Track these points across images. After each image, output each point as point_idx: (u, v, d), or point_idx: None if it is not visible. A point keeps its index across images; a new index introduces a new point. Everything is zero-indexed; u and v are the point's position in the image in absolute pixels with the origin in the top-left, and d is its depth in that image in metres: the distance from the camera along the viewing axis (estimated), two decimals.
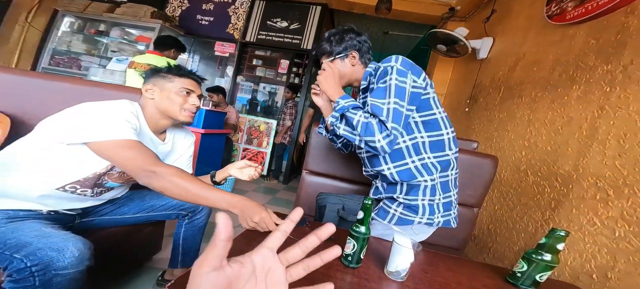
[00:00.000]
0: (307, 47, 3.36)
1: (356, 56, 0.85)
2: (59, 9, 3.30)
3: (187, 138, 1.04)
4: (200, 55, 3.73)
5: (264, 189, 2.97)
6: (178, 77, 0.87)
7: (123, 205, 0.97)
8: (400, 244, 0.57)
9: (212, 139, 2.35)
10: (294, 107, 3.27)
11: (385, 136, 0.71)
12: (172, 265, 1.08)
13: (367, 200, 0.60)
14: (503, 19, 2.01)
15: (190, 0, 3.56)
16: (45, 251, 0.60)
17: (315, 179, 1.31)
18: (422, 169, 0.82)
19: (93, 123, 0.71)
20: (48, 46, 3.29)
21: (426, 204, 0.84)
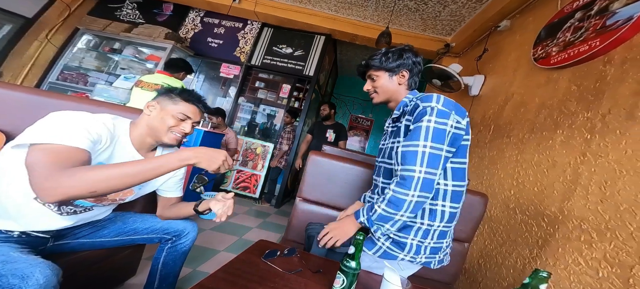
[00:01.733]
0: (309, 73, 3.50)
1: (406, 76, 0.83)
2: (80, 27, 3.49)
3: None
4: (206, 75, 3.86)
5: (256, 212, 2.91)
6: (184, 101, 0.87)
7: (103, 227, 0.91)
8: (389, 282, 0.57)
9: None
10: (292, 132, 3.33)
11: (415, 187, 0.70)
12: None
13: (359, 236, 0.60)
14: (494, 58, 2.12)
15: (203, 24, 3.76)
16: (7, 278, 0.56)
17: (309, 206, 1.30)
18: (428, 213, 0.80)
19: (47, 126, 0.63)
20: (60, 61, 3.41)
21: (415, 244, 0.82)
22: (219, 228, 2.18)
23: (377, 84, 0.85)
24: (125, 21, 3.69)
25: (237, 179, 3.40)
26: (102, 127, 0.72)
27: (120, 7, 3.83)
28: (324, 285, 0.63)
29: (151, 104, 0.85)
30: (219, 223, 2.24)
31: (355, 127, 5.40)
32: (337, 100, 5.51)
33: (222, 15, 3.71)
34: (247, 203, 3.16)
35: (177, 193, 1.01)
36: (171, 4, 3.80)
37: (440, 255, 0.85)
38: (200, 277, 1.43)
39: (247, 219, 2.59)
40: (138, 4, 3.83)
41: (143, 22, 3.68)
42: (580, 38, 1.27)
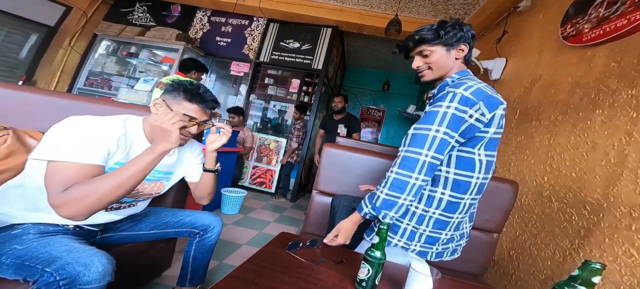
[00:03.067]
0: (317, 67, 3.45)
1: (465, 50, 0.76)
2: (98, 33, 3.64)
3: (193, 146, 1.03)
4: (216, 74, 3.89)
5: (272, 206, 2.94)
6: (187, 102, 0.82)
7: (140, 222, 0.97)
8: (417, 271, 0.54)
9: (225, 157, 2.39)
10: (303, 128, 3.30)
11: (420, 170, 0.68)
12: (181, 283, 1.06)
13: (382, 225, 0.58)
14: (515, 40, 2.01)
15: (211, 24, 3.77)
16: (73, 265, 0.61)
17: (325, 199, 1.30)
18: (425, 198, 0.78)
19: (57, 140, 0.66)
20: (85, 68, 3.61)
21: (409, 229, 0.79)
22: (240, 222, 2.24)
23: (432, 60, 0.76)
24: (138, 25, 3.77)
25: (253, 175, 3.44)
26: (113, 134, 0.74)
27: (131, 10, 3.90)
28: (347, 275, 0.63)
29: (157, 102, 0.83)
30: (241, 219, 2.30)
31: (366, 118, 5.31)
32: (347, 92, 5.44)
33: (229, 14, 3.70)
34: (263, 198, 3.19)
35: None
36: (178, 5, 3.82)
37: (438, 246, 0.80)
38: (226, 269, 1.48)
39: (265, 214, 2.62)
40: (148, 7, 3.88)
41: (154, 24, 3.74)
42: (616, 13, 1.19)
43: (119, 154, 0.76)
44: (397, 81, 4.99)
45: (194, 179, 1.02)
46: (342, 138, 1.95)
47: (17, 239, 0.68)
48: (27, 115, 0.99)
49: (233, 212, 2.41)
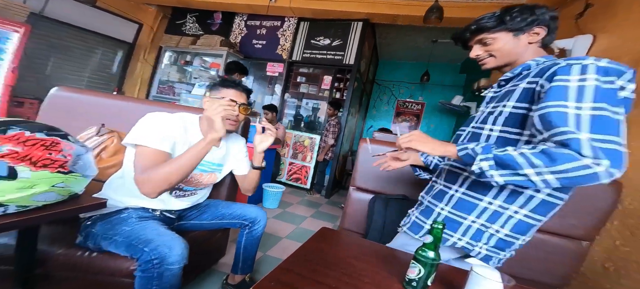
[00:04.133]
0: (349, 62, 3.40)
1: (541, 33, 0.66)
2: (163, 46, 4.20)
3: (238, 140, 1.15)
4: (254, 76, 4.11)
5: (308, 202, 3.02)
6: (224, 88, 0.96)
7: (203, 212, 1.10)
8: (482, 276, 0.47)
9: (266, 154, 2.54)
10: (338, 125, 3.30)
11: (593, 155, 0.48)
12: (234, 271, 1.17)
13: (437, 224, 0.53)
14: (606, 12, 1.69)
15: (247, 27, 3.99)
16: (162, 247, 0.74)
17: (363, 195, 1.29)
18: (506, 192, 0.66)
19: (139, 129, 0.83)
20: (156, 78, 4.23)
21: (475, 227, 0.69)
22: (279, 216, 2.37)
23: (495, 47, 0.70)
24: (190, 35, 4.18)
25: (289, 171, 3.58)
26: (176, 126, 0.89)
27: (184, 22, 4.33)
28: (393, 273, 0.60)
29: (205, 99, 0.96)
30: (280, 213, 2.43)
31: (403, 112, 5.07)
32: (381, 86, 5.24)
33: (262, 16, 3.85)
34: (299, 194, 3.31)
35: (246, 170, 1.14)
36: (220, 13, 4.10)
37: (506, 253, 0.70)
38: (270, 260, 1.59)
39: (301, 209, 2.72)
40: (196, 17, 4.26)
41: (202, 33, 4.11)
42: None
43: (180, 145, 0.90)
44: (438, 71, 4.63)
45: (240, 172, 1.13)
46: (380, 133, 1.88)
47: (125, 222, 0.83)
48: (121, 118, 1.19)
49: (273, 207, 2.55)
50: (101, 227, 0.82)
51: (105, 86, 3.96)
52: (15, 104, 2.93)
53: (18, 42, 2.67)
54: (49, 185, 0.57)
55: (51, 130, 0.62)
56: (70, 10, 3.33)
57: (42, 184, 0.56)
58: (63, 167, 0.60)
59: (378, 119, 5.23)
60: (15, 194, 0.53)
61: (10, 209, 0.55)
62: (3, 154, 0.53)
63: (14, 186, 0.53)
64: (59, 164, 0.60)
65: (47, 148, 0.59)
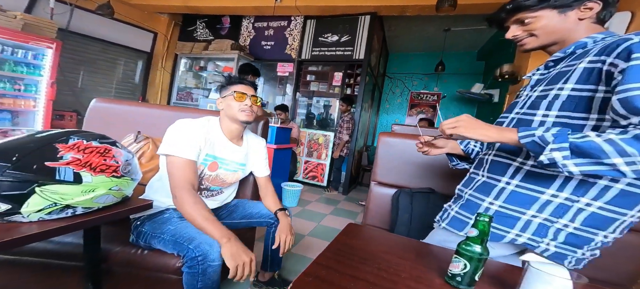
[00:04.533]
0: (359, 57, 3.37)
1: (594, 8, 0.59)
2: (178, 53, 4.33)
3: (258, 140, 1.19)
4: (265, 77, 4.17)
5: (326, 199, 3.03)
6: (231, 85, 1.02)
7: (233, 211, 1.15)
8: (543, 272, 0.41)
9: (283, 153, 2.59)
10: (351, 120, 3.28)
11: None
12: (263, 268, 1.21)
13: (483, 217, 0.49)
14: None
15: (255, 29, 4.03)
16: (203, 245, 0.79)
17: (385, 190, 1.27)
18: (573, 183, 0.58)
19: (169, 139, 0.91)
20: (175, 85, 4.41)
21: (537, 222, 0.61)
22: (299, 215, 2.40)
23: (537, 26, 0.64)
24: (201, 40, 4.29)
25: (305, 169, 3.61)
26: (201, 133, 0.96)
27: (194, 28, 4.45)
28: (432, 268, 0.58)
29: (219, 100, 1.04)
30: (300, 211, 2.46)
31: (418, 104, 4.96)
32: (392, 79, 5.17)
33: (269, 17, 3.87)
34: (317, 191, 3.32)
35: (265, 172, 1.19)
36: (227, 17, 4.17)
37: (584, 251, 0.60)
38: (296, 258, 1.63)
39: (320, 207, 2.73)
40: (206, 23, 4.35)
41: (213, 38, 4.20)
42: None
43: (205, 148, 0.97)
44: (453, 60, 4.50)
45: (258, 173, 1.19)
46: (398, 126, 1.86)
47: (169, 221, 0.90)
48: (151, 124, 1.30)
49: (293, 205, 2.58)
50: (149, 226, 0.90)
51: (130, 95, 4.17)
52: (57, 117, 3.15)
53: (52, 58, 2.83)
54: (106, 188, 0.63)
55: (103, 138, 0.68)
56: (91, 23, 3.50)
57: (101, 187, 0.62)
58: (116, 172, 0.66)
59: (391, 113, 5.16)
60: (81, 197, 0.59)
61: (78, 210, 0.62)
62: (68, 162, 0.59)
63: (79, 190, 0.59)
64: (113, 169, 0.66)
65: (102, 155, 0.65)
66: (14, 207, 0.53)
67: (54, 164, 0.56)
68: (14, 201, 0.53)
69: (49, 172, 0.55)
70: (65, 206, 0.58)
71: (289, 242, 1.03)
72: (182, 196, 0.86)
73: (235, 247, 0.81)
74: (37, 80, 2.87)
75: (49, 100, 2.91)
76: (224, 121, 1.05)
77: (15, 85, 2.76)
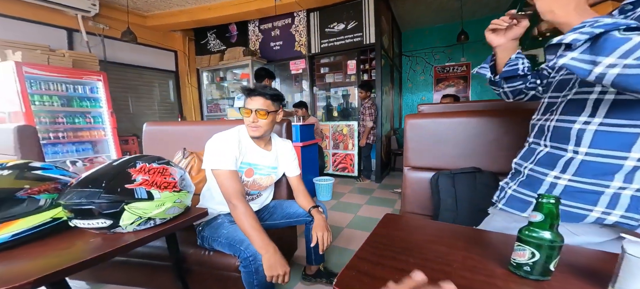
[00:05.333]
0: (370, 41, 3.25)
1: None
2: (199, 68, 4.52)
3: (284, 143, 1.23)
4: (280, 77, 4.18)
5: (359, 189, 3.00)
6: (247, 97, 1.03)
7: (273, 213, 1.21)
8: None
9: (309, 149, 2.62)
10: (373, 106, 3.19)
11: None
12: (309, 262, 1.27)
13: (547, 198, 0.43)
14: None
15: (262, 32, 4.05)
16: (253, 246, 0.88)
17: (421, 174, 1.21)
18: None
19: (210, 155, 0.97)
20: (203, 99, 4.64)
21: (626, 195, 0.51)
22: (335, 207, 2.41)
23: None
24: (215, 51, 4.43)
25: (334, 162, 3.61)
26: (235, 143, 1.01)
27: (207, 41, 4.58)
28: (490, 258, 0.51)
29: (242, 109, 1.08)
30: (335, 204, 2.48)
31: (445, 78, 4.69)
32: (410, 58, 4.93)
33: (272, 18, 3.86)
34: (349, 183, 3.30)
35: (296, 172, 1.22)
36: (234, 24, 4.22)
37: None
38: (338, 250, 1.65)
39: (355, 197, 2.71)
40: (216, 33, 4.46)
41: (225, 47, 4.31)
42: None
43: (240, 157, 1.03)
44: (478, 27, 4.15)
45: (290, 173, 1.22)
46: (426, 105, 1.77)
47: (222, 226, 1.00)
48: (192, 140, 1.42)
49: (327, 199, 2.60)
50: (208, 231, 1.01)
51: (170, 114, 4.48)
52: (123, 142, 3.50)
53: (104, 89, 3.11)
54: (172, 201, 0.74)
55: (159, 159, 0.79)
56: (121, 51, 3.75)
57: (168, 201, 0.73)
58: (175, 187, 0.76)
59: (416, 92, 4.95)
60: (156, 210, 0.70)
61: (157, 221, 0.73)
62: (140, 183, 0.69)
63: (154, 205, 0.70)
64: (173, 185, 0.76)
65: (162, 174, 0.75)
66: (114, 222, 0.66)
67: (131, 186, 0.68)
68: (113, 217, 0.66)
69: (130, 193, 0.67)
70: (147, 218, 0.70)
71: (326, 239, 1.05)
72: (234, 204, 0.94)
73: (274, 258, 0.87)
74: (100, 111, 3.18)
75: (113, 128, 3.22)
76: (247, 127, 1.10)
77: (86, 118, 3.09)
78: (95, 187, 0.64)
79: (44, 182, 0.68)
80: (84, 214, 0.64)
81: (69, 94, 2.91)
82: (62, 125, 2.88)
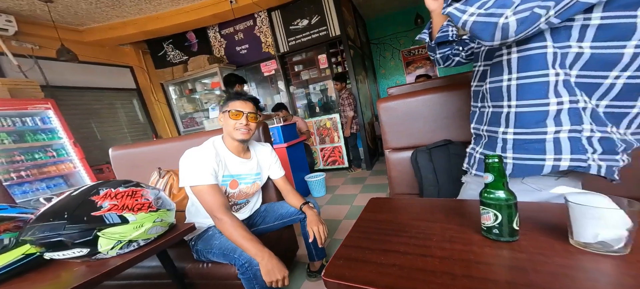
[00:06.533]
0: (335, 33, 3.28)
1: None
2: (163, 82, 4.16)
3: (263, 147, 1.21)
4: (254, 80, 4.08)
5: (352, 180, 3.03)
6: (230, 101, 1.02)
7: (266, 216, 1.21)
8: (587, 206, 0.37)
9: (295, 148, 2.61)
10: (350, 96, 3.25)
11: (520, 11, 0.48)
12: (311, 259, 1.28)
13: (491, 158, 0.45)
14: None
15: (225, 37, 3.86)
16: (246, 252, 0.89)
17: (402, 155, 1.25)
18: (561, 87, 0.54)
19: (185, 172, 0.95)
20: (175, 114, 4.29)
21: (564, 138, 0.55)
22: (331, 201, 2.43)
23: None
24: (177, 63, 4.07)
25: (324, 157, 3.62)
26: (211, 157, 0.98)
27: (164, 52, 4.10)
28: (465, 225, 0.54)
29: (220, 117, 1.05)
30: (330, 198, 2.49)
31: (413, 61, 4.89)
32: (378, 45, 5.05)
33: (233, 21, 3.69)
34: (341, 174, 3.34)
35: (280, 173, 1.22)
36: (191, 32, 3.92)
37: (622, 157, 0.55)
38: (337, 243, 1.67)
39: (349, 188, 2.74)
40: (173, 44, 4.04)
41: (186, 58, 4.00)
42: None
43: (220, 170, 1.01)
44: None
45: (274, 175, 1.21)
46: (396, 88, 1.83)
47: (213, 237, 1.00)
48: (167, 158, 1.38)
49: (321, 194, 2.62)
50: (201, 244, 1.01)
51: (144, 136, 4.06)
52: (97, 171, 3.17)
53: (56, 117, 2.74)
54: (151, 221, 0.72)
55: (127, 183, 0.78)
56: (68, 73, 3.26)
57: (147, 221, 0.71)
58: (151, 206, 0.73)
59: (390, 77, 5.11)
60: (135, 232, 0.69)
61: (141, 242, 0.73)
62: (108, 209, 0.66)
63: (131, 228, 0.68)
64: (148, 205, 0.73)
65: (132, 197, 0.72)
66: (93, 250, 0.66)
67: (99, 213, 0.65)
68: (89, 245, 0.66)
69: (99, 220, 0.66)
70: (128, 241, 0.70)
71: (322, 232, 1.05)
72: (219, 218, 0.92)
73: (270, 264, 0.87)
74: (61, 143, 2.84)
75: (82, 158, 2.91)
76: (227, 138, 1.07)
77: (47, 152, 2.74)
78: (58, 220, 0.63)
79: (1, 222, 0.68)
80: (56, 247, 0.64)
81: (18, 128, 2.57)
82: (23, 163, 2.57)
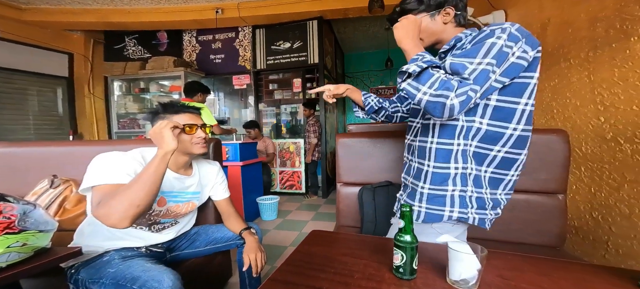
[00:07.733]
0: (314, 61, 3.39)
1: (451, 13, 0.73)
2: (107, 76, 3.73)
3: (210, 165, 1.11)
4: (223, 91, 3.94)
5: (307, 206, 3.01)
6: (175, 114, 0.91)
7: (195, 240, 1.09)
8: (456, 250, 0.50)
9: (251, 168, 2.50)
10: (317, 123, 3.29)
11: (459, 94, 0.58)
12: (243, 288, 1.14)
13: (404, 207, 0.54)
14: None
15: (201, 44, 3.76)
16: (150, 282, 0.72)
17: (352, 189, 1.29)
18: (459, 156, 0.69)
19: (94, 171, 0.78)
20: (112, 112, 3.74)
21: (457, 196, 0.70)
22: (280, 226, 2.35)
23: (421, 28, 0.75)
24: (135, 59, 3.78)
25: (281, 179, 3.53)
26: (133, 162, 0.84)
27: (124, 46, 3.84)
28: (383, 263, 0.60)
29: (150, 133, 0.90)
30: (280, 222, 2.37)
31: None
32: (351, 78, 5.33)
33: (214, 30, 3.64)
34: (297, 199, 3.29)
35: (224, 195, 1.13)
36: (164, 32, 3.77)
37: (489, 212, 0.70)
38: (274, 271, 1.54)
39: (301, 214, 2.70)
40: (137, 40, 3.82)
41: (149, 55, 3.72)
42: None
43: None
44: (400, 55, 4.76)
45: (217, 197, 1.12)
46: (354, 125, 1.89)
47: (108, 264, 0.81)
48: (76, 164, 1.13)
49: (272, 218, 2.52)
50: (85, 272, 0.80)
51: (57, 130, 3.50)
52: None
53: None
54: (3, 247, 0.55)
55: None
56: None
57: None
58: (10, 228, 0.57)
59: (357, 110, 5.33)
60: None
61: None
62: None
63: None
64: (4, 227, 0.56)
65: None
66: None
67: None
68: None
69: None
70: None
71: (260, 260, 0.98)
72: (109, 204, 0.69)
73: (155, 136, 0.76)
74: None
75: None
76: None
77: None
78: None
79: None
80: None
81: None
82: None
